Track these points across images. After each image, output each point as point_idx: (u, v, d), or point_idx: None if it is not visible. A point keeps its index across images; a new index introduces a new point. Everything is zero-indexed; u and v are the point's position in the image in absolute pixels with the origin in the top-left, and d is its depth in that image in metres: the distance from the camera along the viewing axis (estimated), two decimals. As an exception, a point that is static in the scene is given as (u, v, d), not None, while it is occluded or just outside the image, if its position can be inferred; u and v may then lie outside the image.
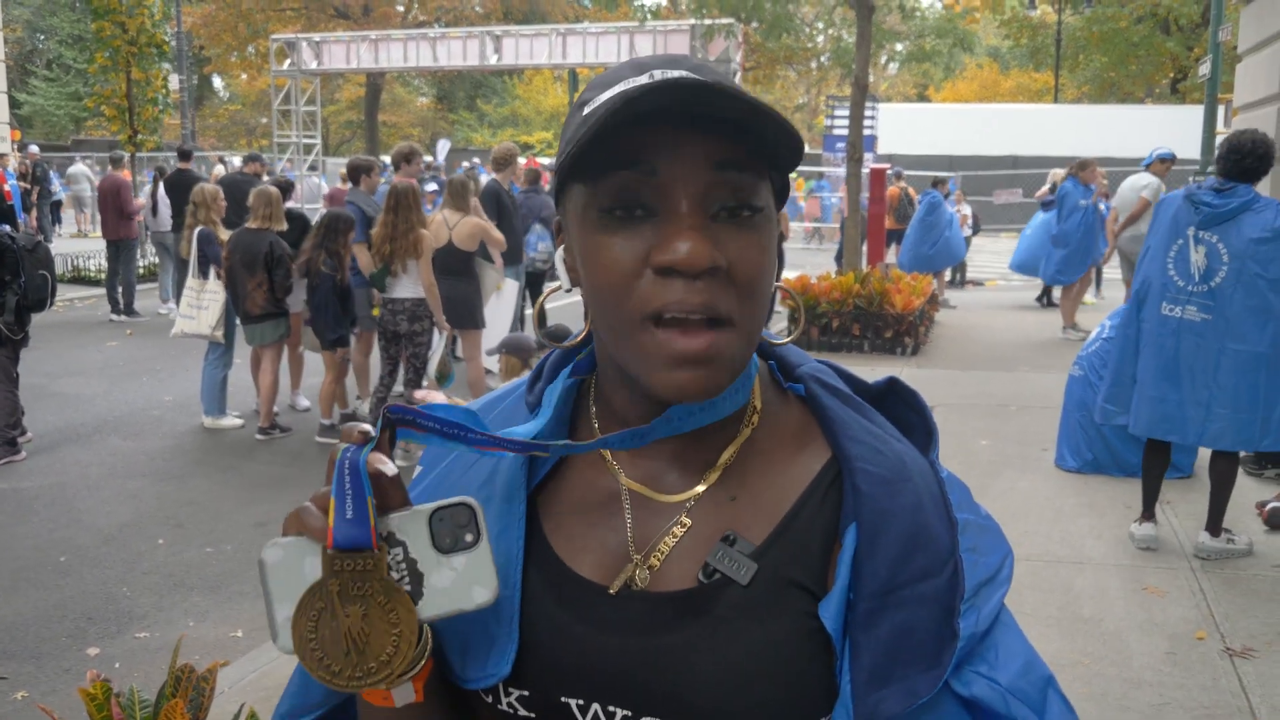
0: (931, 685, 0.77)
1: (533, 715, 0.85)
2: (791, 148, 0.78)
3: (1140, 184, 9.21)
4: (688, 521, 0.85)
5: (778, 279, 0.88)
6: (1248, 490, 5.57)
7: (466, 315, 7.04)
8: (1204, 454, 4.89)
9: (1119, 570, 4.64)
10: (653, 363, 0.78)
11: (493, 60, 23.05)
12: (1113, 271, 13.33)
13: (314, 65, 24.48)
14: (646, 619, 0.83)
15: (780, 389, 0.92)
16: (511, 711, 0.85)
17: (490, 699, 0.86)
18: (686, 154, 0.76)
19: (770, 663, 0.80)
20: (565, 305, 12.92)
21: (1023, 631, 0.87)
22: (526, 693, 0.84)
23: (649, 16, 18.40)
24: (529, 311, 9.98)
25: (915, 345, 9.83)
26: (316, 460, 6.77)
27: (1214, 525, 4.73)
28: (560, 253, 0.89)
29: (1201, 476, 4.96)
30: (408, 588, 0.76)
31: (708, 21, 14.57)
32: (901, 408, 0.93)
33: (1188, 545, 4.83)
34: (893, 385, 0.94)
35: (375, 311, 6.78)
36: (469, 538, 0.76)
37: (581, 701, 0.83)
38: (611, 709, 0.82)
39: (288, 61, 24.70)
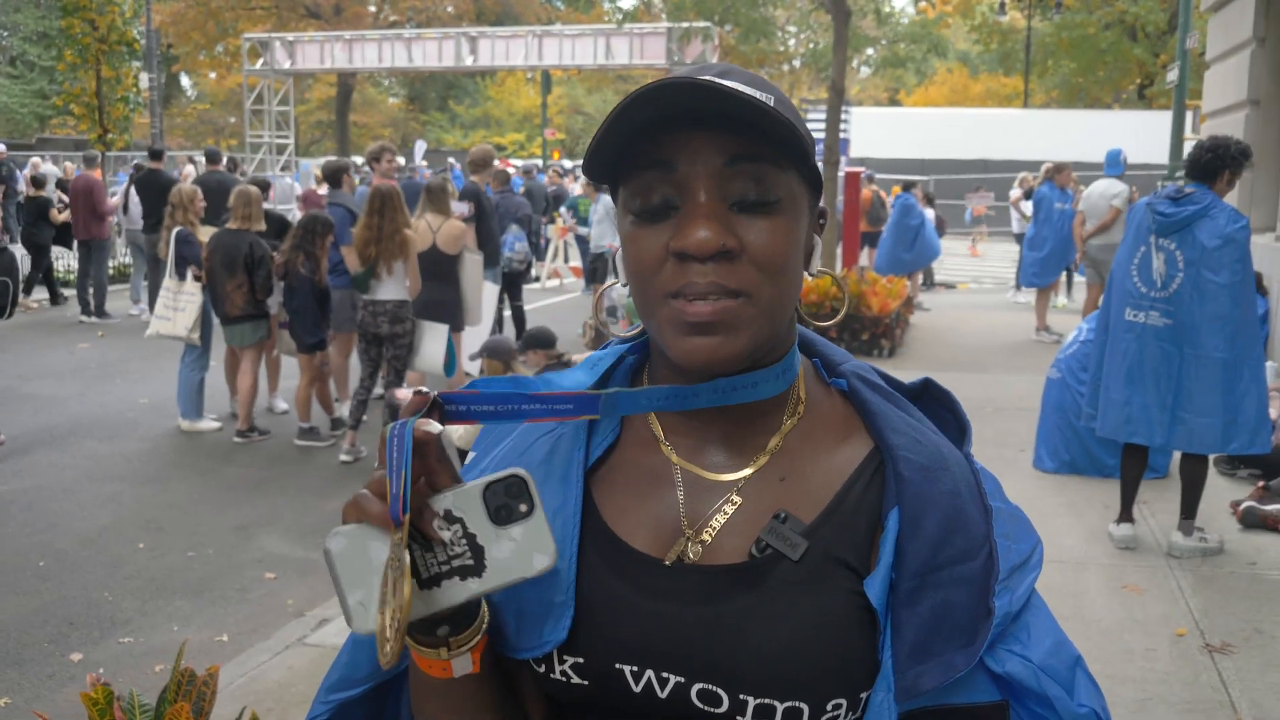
0: (968, 661, 0.83)
1: (585, 683, 0.88)
2: (792, 137, 0.83)
3: (1111, 192, 9.34)
4: (738, 500, 0.90)
5: (811, 269, 0.94)
6: (1222, 490, 5.67)
7: (449, 318, 7.02)
8: (1178, 454, 4.98)
9: (1098, 569, 4.71)
10: (671, 332, 0.85)
11: (468, 61, 23.01)
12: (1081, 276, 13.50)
13: (287, 65, 24.33)
14: (700, 590, 0.87)
15: (824, 384, 0.98)
16: (565, 680, 0.89)
17: (543, 669, 0.89)
18: (701, 151, 0.83)
19: (819, 636, 0.84)
20: (545, 306, 12.92)
21: (1053, 615, 0.91)
22: (581, 660, 0.88)
23: (625, 19, 18.40)
24: (506, 314, 9.98)
25: (892, 347, 9.90)
26: (296, 462, 6.74)
27: (1186, 524, 4.82)
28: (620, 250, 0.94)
29: (1177, 476, 5.05)
30: (470, 562, 0.78)
31: (684, 25, 14.62)
32: (935, 406, 1.00)
33: (1165, 544, 4.91)
34: (927, 386, 1.01)
35: None
36: (523, 508, 0.79)
37: (635, 668, 0.86)
38: (665, 675, 0.86)
39: (260, 61, 24.53)
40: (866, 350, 9.79)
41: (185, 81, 49.23)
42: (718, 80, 0.83)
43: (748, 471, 0.91)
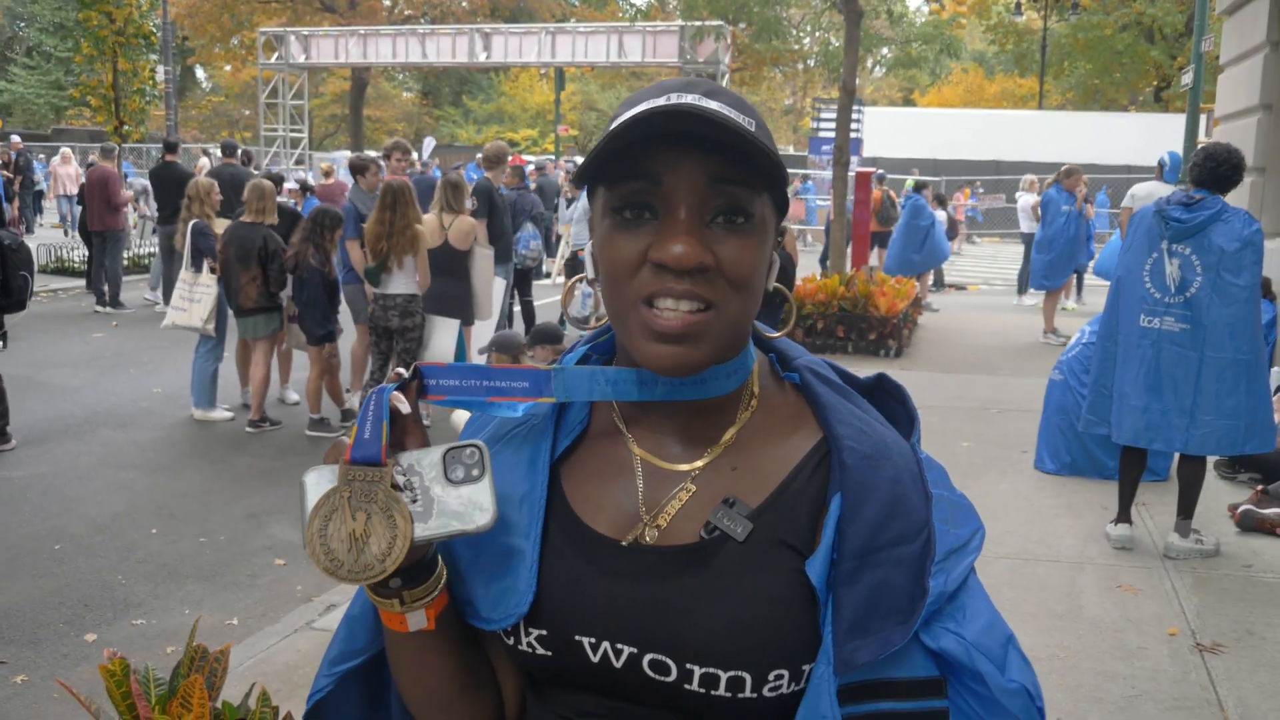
0: (903, 636, 0.89)
1: (549, 654, 0.96)
2: (771, 165, 0.90)
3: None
4: (693, 487, 0.97)
5: (783, 287, 1.02)
6: (1221, 493, 5.72)
7: (459, 312, 7.12)
8: (1176, 457, 5.03)
9: (1094, 569, 4.76)
10: (640, 337, 0.91)
11: (482, 57, 23.12)
12: (1094, 278, 13.50)
13: (302, 59, 24.47)
14: (654, 569, 0.95)
15: (778, 378, 1.05)
16: (530, 650, 0.97)
17: (511, 640, 0.98)
18: (686, 169, 0.89)
19: (762, 611, 0.91)
20: (556, 302, 13.00)
21: (989, 597, 0.98)
22: (544, 632, 0.96)
23: (638, 17, 18.45)
24: (516, 309, 10.07)
25: (899, 348, 9.96)
26: (306, 453, 6.83)
27: (1183, 525, 4.87)
28: (590, 245, 1.01)
29: (1176, 479, 5.10)
30: (420, 509, 0.89)
31: (697, 23, 14.68)
32: (888, 400, 1.07)
33: (1162, 546, 4.97)
34: (881, 381, 1.08)
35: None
36: (475, 473, 0.90)
37: (593, 640, 0.94)
38: (619, 646, 0.94)
39: (275, 55, 24.67)
40: (873, 350, 9.85)
41: (200, 74, 49.46)
42: (707, 102, 0.90)
43: (702, 462, 0.98)
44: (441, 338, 6.89)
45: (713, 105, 0.91)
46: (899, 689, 0.91)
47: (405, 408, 0.93)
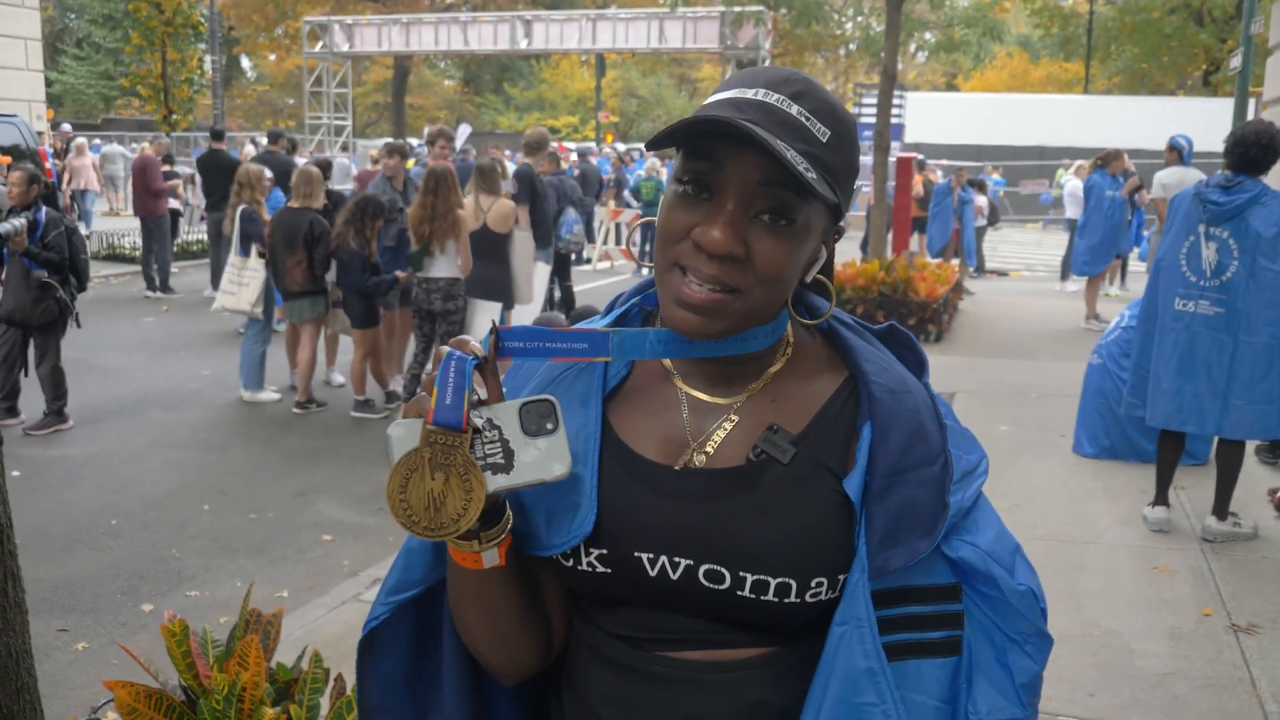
0: (929, 545, 1.01)
1: (608, 571, 1.05)
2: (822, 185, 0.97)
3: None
4: (735, 418, 1.08)
5: (824, 279, 1.13)
6: (1261, 478, 5.69)
7: (500, 295, 7.23)
8: (1215, 441, 5.02)
9: (1130, 551, 4.77)
10: (669, 300, 1.02)
11: (523, 44, 23.22)
12: (1136, 264, 13.36)
13: (345, 48, 24.72)
14: (706, 489, 1.05)
15: (807, 329, 1.15)
16: (590, 570, 1.06)
17: (570, 562, 1.07)
18: (744, 165, 0.98)
19: (805, 524, 1.03)
20: (596, 287, 13.10)
21: (998, 514, 1.10)
22: (605, 550, 1.05)
23: (679, 3, 18.45)
24: (557, 294, 10.17)
25: (939, 332, 9.94)
26: (351, 433, 6.99)
27: (1220, 509, 4.86)
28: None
29: (1215, 464, 5.09)
30: (501, 461, 0.96)
31: (737, 9, 14.66)
32: (899, 347, 1.18)
33: (1199, 528, 4.96)
34: (892, 329, 1.19)
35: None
36: (549, 425, 0.97)
37: (651, 555, 1.04)
38: (676, 560, 1.04)
39: (320, 43, 24.95)
40: (913, 335, 9.82)
41: (245, 63, 50.04)
42: (788, 106, 0.98)
43: (743, 397, 1.09)
44: (483, 320, 7.01)
45: (792, 110, 0.98)
46: (923, 594, 1.03)
47: (481, 351, 0.98)
